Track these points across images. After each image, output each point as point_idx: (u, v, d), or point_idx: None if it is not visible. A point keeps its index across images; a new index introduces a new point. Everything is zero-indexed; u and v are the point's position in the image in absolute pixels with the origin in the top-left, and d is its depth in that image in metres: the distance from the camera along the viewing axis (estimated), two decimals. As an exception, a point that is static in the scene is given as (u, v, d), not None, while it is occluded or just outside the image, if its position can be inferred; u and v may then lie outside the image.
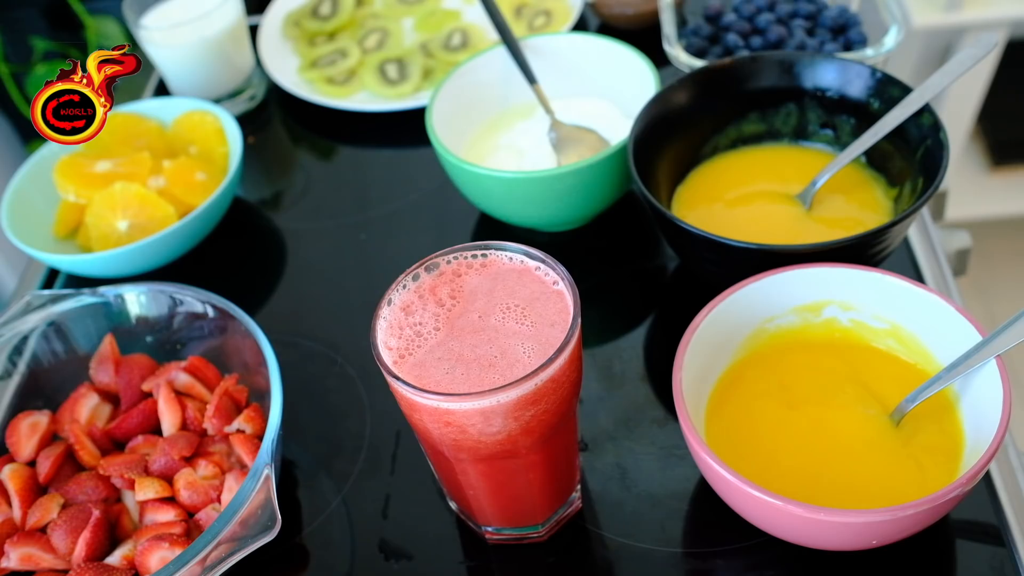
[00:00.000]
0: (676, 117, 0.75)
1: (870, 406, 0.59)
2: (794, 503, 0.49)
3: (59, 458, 0.65)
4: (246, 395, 0.67)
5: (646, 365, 0.71)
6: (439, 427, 0.50)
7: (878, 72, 0.72)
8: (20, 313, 0.70)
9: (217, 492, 0.61)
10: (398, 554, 0.62)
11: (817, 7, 0.90)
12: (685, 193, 0.76)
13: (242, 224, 0.90)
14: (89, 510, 0.60)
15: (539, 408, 0.49)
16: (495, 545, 0.61)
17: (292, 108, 1.03)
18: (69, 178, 0.84)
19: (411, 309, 0.53)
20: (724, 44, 0.89)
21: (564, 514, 0.61)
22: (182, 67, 0.98)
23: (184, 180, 0.84)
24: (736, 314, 0.61)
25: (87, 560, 0.59)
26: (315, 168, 0.98)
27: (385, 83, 0.99)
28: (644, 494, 0.62)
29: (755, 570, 0.58)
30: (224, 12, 0.96)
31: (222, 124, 0.89)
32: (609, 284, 0.78)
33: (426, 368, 0.50)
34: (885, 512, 0.48)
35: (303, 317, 0.80)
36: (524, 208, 0.77)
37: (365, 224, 0.88)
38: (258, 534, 0.54)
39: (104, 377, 0.70)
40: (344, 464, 0.68)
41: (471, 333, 0.51)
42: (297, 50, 1.07)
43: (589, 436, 0.66)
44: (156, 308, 0.71)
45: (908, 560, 0.56)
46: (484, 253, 0.55)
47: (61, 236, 0.85)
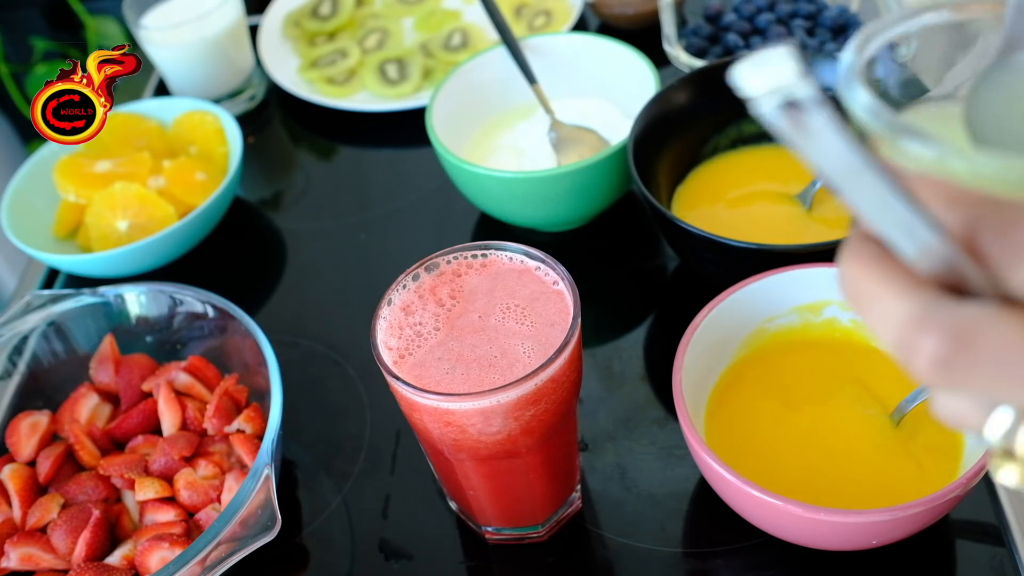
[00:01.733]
0: (676, 117, 0.75)
1: (870, 406, 0.59)
2: (794, 503, 0.49)
3: (59, 458, 0.65)
4: (246, 395, 0.67)
5: (646, 365, 0.71)
6: (439, 427, 0.50)
7: (878, 72, 0.72)
8: (20, 313, 0.70)
9: (217, 492, 0.61)
10: (398, 554, 0.62)
11: (817, 7, 0.90)
12: (685, 193, 0.76)
13: (242, 224, 0.90)
14: (89, 510, 0.60)
15: (539, 408, 0.49)
16: (495, 545, 0.61)
17: (292, 108, 1.03)
18: (69, 178, 0.84)
19: (411, 309, 0.53)
20: (724, 44, 0.89)
21: (564, 514, 0.61)
22: (182, 67, 0.98)
23: (184, 180, 0.84)
24: (736, 314, 0.61)
25: (87, 560, 0.59)
26: (315, 168, 0.98)
27: (385, 83, 0.99)
28: (644, 494, 0.62)
29: (755, 570, 0.58)
30: (224, 12, 0.96)
31: (222, 124, 0.89)
32: (609, 284, 0.78)
33: (426, 368, 0.50)
34: (885, 512, 0.48)
35: (303, 317, 0.80)
36: (524, 208, 0.77)
37: (365, 224, 0.88)
38: (258, 534, 0.54)
39: (104, 377, 0.70)
40: (344, 464, 0.68)
41: (471, 333, 0.51)
42: (297, 50, 1.07)
43: (589, 436, 0.66)
44: (156, 308, 0.71)
45: (908, 560, 0.56)
46: (484, 253, 0.55)
47: (61, 236, 0.85)
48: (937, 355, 0.24)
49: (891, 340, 0.26)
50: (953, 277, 0.25)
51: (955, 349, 0.24)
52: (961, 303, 0.25)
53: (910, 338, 0.25)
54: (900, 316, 0.25)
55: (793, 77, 0.20)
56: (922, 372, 0.25)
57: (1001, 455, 0.27)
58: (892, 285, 0.25)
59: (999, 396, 0.25)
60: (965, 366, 0.24)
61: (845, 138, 0.22)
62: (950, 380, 0.25)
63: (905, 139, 0.26)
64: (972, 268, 0.25)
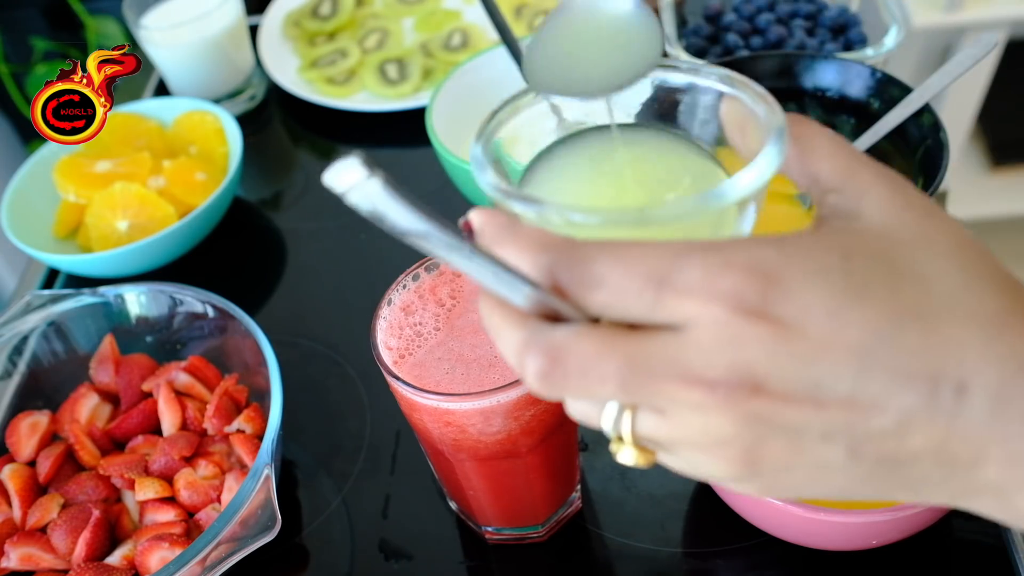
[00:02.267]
0: (676, 117, 0.75)
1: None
2: (794, 503, 0.49)
3: (59, 458, 0.65)
4: (246, 395, 0.67)
5: (646, 365, 0.71)
6: (439, 427, 0.50)
7: (878, 72, 0.72)
8: (20, 313, 0.70)
9: (217, 492, 0.61)
10: (398, 554, 0.62)
11: (817, 7, 0.90)
12: (685, 193, 0.76)
13: (242, 224, 0.90)
14: (89, 510, 0.60)
15: (539, 408, 0.49)
16: (495, 545, 0.61)
17: (292, 108, 1.03)
18: (69, 178, 0.84)
19: (411, 309, 0.53)
20: (724, 44, 0.89)
21: (564, 514, 0.61)
22: (182, 67, 0.98)
23: (184, 180, 0.84)
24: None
25: (87, 560, 0.59)
26: (315, 168, 0.98)
27: (385, 83, 0.99)
28: (644, 494, 0.62)
29: (755, 570, 0.58)
30: (224, 12, 0.97)
31: (222, 124, 0.89)
32: (609, 284, 0.78)
33: (426, 368, 0.50)
34: (885, 512, 0.48)
35: (303, 317, 0.80)
36: (524, 208, 0.77)
37: (365, 224, 0.87)
38: (258, 534, 0.54)
39: (104, 377, 0.70)
40: (344, 464, 0.68)
41: (471, 333, 0.51)
42: (297, 50, 1.07)
43: (589, 436, 0.66)
44: (156, 308, 0.71)
45: (908, 560, 0.56)
46: (484, 253, 0.55)
47: (61, 236, 0.85)
48: (538, 371, 0.30)
49: (511, 363, 0.31)
50: (550, 310, 0.31)
51: (549, 365, 0.30)
52: (555, 328, 0.30)
53: (520, 360, 0.31)
54: (513, 343, 0.31)
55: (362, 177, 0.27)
56: (532, 386, 0.31)
57: (616, 441, 0.32)
58: (507, 319, 0.31)
59: (594, 397, 0.30)
60: (559, 377, 0.30)
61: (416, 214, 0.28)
62: (552, 390, 0.30)
63: (513, 203, 0.33)
64: (558, 302, 0.31)
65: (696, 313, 0.29)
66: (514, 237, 0.31)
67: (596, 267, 0.30)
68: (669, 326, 0.29)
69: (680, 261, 0.29)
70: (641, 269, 0.29)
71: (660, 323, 0.29)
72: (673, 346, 0.29)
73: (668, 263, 0.29)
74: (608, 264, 0.30)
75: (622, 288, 0.29)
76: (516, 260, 0.31)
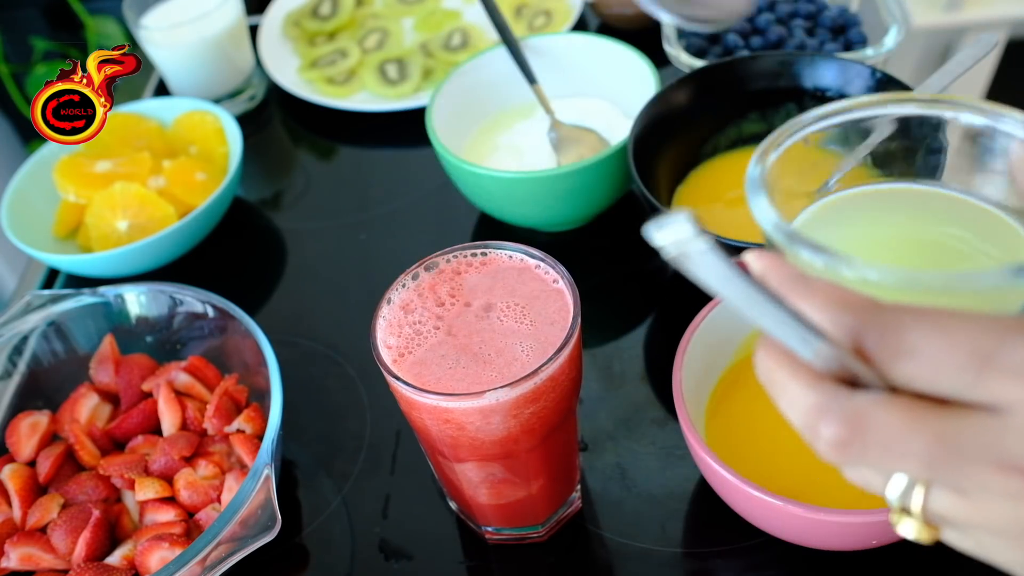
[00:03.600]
0: (676, 117, 0.75)
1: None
2: (794, 503, 0.49)
3: (59, 458, 0.65)
4: (246, 395, 0.67)
5: (646, 365, 0.71)
6: (438, 426, 0.50)
7: (878, 72, 0.72)
8: (20, 313, 0.70)
9: (217, 492, 0.61)
10: (398, 554, 0.62)
11: (817, 7, 0.90)
12: (685, 193, 0.76)
13: (242, 224, 0.90)
14: (89, 510, 0.60)
15: (538, 407, 0.49)
16: (495, 545, 0.61)
17: (292, 108, 1.03)
18: (69, 178, 0.84)
19: (410, 308, 0.53)
20: (724, 44, 0.89)
21: (564, 514, 0.61)
22: (182, 67, 0.98)
23: (184, 180, 0.84)
24: (736, 314, 0.61)
25: (87, 560, 0.59)
26: (315, 168, 0.98)
27: (385, 83, 0.99)
28: (644, 494, 0.62)
29: (755, 570, 0.58)
30: (224, 12, 0.97)
31: (222, 124, 0.89)
32: (609, 284, 0.78)
33: (426, 366, 0.50)
34: (885, 512, 0.48)
35: (303, 317, 0.80)
36: (524, 208, 0.77)
37: (365, 224, 0.88)
38: (258, 534, 0.54)
39: (104, 377, 0.70)
40: (344, 464, 0.68)
41: (471, 332, 0.51)
42: (297, 50, 1.07)
43: (589, 436, 0.66)
44: (156, 308, 0.71)
45: (908, 560, 0.56)
46: (484, 252, 0.55)
47: (61, 236, 0.85)
48: (835, 439, 0.29)
49: (797, 424, 0.30)
50: (847, 372, 0.29)
51: (849, 434, 0.29)
52: (853, 394, 0.29)
53: (813, 424, 0.29)
54: (804, 405, 0.29)
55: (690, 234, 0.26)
56: (824, 453, 0.29)
57: (899, 512, 0.31)
58: (797, 378, 0.30)
59: (890, 469, 0.30)
60: (858, 448, 0.29)
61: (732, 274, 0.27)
62: (847, 459, 0.29)
63: (799, 248, 0.30)
64: (859, 366, 0.29)
65: (1021, 397, 0.27)
66: (810, 291, 0.30)
67: (911, 335, 0.28)
68: (986, 406, 0.28)
69: (1009, 338, 0.27)
70: (964, 344, 0.27)
71: (976, 402, 0.28)
72: (992, 429, 0.27)
73: (995, 340, 0.27)
74: (926, 334, 0.28)
75: (939, 361, 0.28)
76: (813, 315, 0.30)
